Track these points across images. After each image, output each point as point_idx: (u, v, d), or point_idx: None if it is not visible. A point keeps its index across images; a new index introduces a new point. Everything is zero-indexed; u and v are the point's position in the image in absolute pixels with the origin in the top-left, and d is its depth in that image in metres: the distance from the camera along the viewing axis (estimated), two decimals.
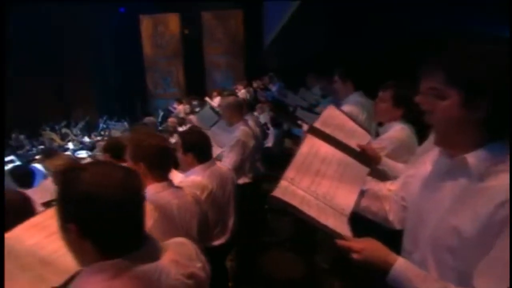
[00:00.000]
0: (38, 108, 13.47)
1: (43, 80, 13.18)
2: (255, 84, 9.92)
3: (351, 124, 1.86)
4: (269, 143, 5.04)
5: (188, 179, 2.00)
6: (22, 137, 11.45)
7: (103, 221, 0.82)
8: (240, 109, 3.08)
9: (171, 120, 7.06)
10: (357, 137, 1.69)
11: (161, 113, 11.60)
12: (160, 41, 14.22)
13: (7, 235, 1.30)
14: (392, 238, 1.27)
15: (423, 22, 2.47)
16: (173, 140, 6.15)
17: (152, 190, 1.57)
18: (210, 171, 2.12)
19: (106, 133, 10.95)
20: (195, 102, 10.26)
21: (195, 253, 1.08)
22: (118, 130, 10.46)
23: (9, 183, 3.52)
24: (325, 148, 1.39)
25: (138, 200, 0.88)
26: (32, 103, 13.30)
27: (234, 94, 4.25)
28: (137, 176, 0.92)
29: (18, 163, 8.13)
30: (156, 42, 14.25)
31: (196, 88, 12.92)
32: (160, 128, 9.76)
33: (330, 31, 4.70)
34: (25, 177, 3.28)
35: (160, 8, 13.78)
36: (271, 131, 5.30)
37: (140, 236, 0.91)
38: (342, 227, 1.14)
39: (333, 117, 1.81)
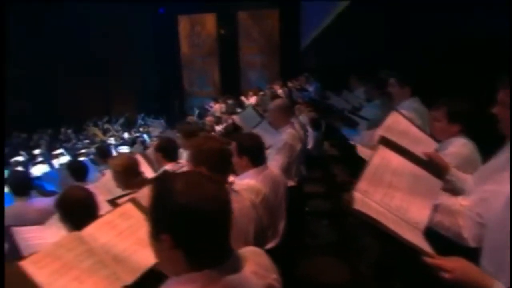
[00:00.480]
0: (83, 104, 14.10)
1: (88, 78, 13.76)
2: (290, 84, 9.84)
3: (415, 130, 1.79)
4: (309, 145, 4.97)
5: (243, 183, 2.00)
6: (69, 131, 12.03)
7: (198, 232, 0.83)
8: (289, 112, 3.06)
9: (209, 119, 7.15)
10: (423, 144, 1.62)
11: (197, 111, 11.79)
12: (196, 40, 14.46)
13: (84, 233, 1.36)
14: (466, 254, 1.21)
15: (486, 24, 2.33)
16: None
17: None
18: (263, 175, 2.12)
19: (145, 129, 11.28)
20: (230, 101, 10.35)
21: (270, 264, 1.08)
22: (156, 127, 10.76)
23: (66, 176, 3.70)
24: (396, 159, 1.34)
25: (228, 211, 0.88)
26: (77, 100, 13.95)
27: (277, 95, 4.21)
28: (225, 187, 0.93)
29: (66, 156, 8.57)
30: (193, 42, 14.51)
31: (230, 87, 13.05)
32: (189, 122, 9.98)
33: (378, 34, 4.57)
34: (81, 171, 3.43)
35: (198, 8, 13.99)
36: (310, 133, 5.23)
37: (227, 247, 0.91)
38: (421, 242, 1.10)
39: (397, 123, 1.75)
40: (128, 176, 2.29)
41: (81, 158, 7.59)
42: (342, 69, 6.12)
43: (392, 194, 1.24)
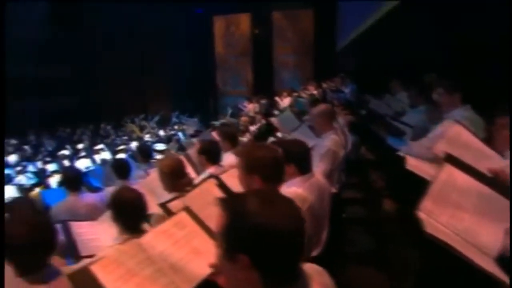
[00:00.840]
0: (121, 102, 14.62)
1: (126, 77, 14.25)
2: (324, 85, 9.69)
3: (478, 143, 1.68)
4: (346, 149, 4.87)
5: (290, 191, 1.97)
6: (108, 127, 12.50)
7: (276, 252, 0.81)
8: (332, 118, 3.00)
9: (244, 119, 7.18)
10: (487, 159, 1.52)
11: (230, 111, 11.88)
12: (231, 40, 14.58)
13: (142, 240, 1.39)
14: None
15: None
16: (245, 138, 6.27)
17: None
18: (309, 183, 2.08)
19: (180, 127, 11.50)
20: (263, 101, 10.34)
21: (332, 283, 1.05)
22: (191, 125, 10.93)
23: (110, 173, 3.83)
24: (462, 178, 1.27)
25: (303, 229, 0.87)
26: (116, 97, 14.47)
27: (317, 99, 4.12)
28: (298, 206, 0.91)
29: (107, 151, 8.91)
30: (227, 42, 14.64)
31: (263, 87, 13.05)
32: (224, 122, 10.04)
33: (426, 35, 4.37)
34: (124, 169, 3.53)
35: (233, 9, 14.09)
36: (348, 137, 5.11)
37: (299, 266, 0.90)
38: (494, 269, 1.03)
39: (458, 135, 1.65)
40: (174, 177, 2.32)
41: (121, 155, 7.89)
42: (382, 72, 5.94)
43: (460, 216, 1.17)
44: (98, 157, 8.41)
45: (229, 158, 3.16)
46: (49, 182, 7.02)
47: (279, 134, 5.74)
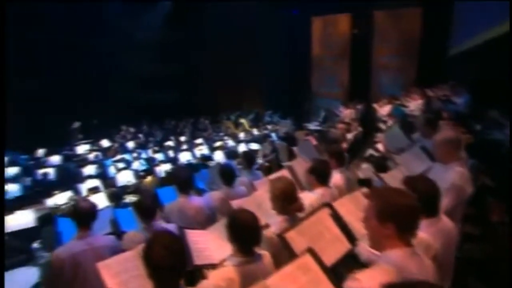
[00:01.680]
0: (219, 98, 15.45)
1: (224, 73, 14.95)
2: (431, 93, 8.77)
3: None
4: None
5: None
6: (206, 122, 13.33)
7: None
8: (458, 147, 2.64)
9: (340, 126, 6.88)
10: None
11: (323, 113, 11.61)
12: (328, 41, 14.18)
13: (269, 282, 1.38)
14: None
15: None
16: (344, 145, 6.02)
17: (399, 256, 1.42)
18: (436, 228, 1.86)
19: (273, 128, 11.63)
20: (360, 107, 9.84)
21: None
22: (284, 126, 10.98)
23: (215, 178, 4.02)
24: None
25: None
26: (215, 94, 15.34)
27: (433, 120, 3.67)
28: None
29: (205, 146, 9.49)
30: (325, 42, 14.28)
31: (360, 90, 12.44)
32: (322, 129, 9.81)
33: None
34: (230, 176, 3.67)
35: (332, 9, 13.65)
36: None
37: None
38: None
39: None
40: (286, 202, 2.30)
41: (218, 152, 8.30)
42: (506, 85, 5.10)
43: None
44: (198, 152, 9.02)
45: (335, 178, 3.04)
46: (157, 170, 7.79)
47: (379, 146, 5.38)
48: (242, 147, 8.52)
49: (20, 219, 5.63)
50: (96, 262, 2.37)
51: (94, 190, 5.97)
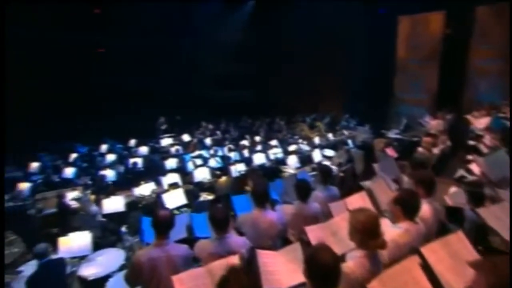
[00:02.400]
0: (294, 98, 15.27)
1: (302, 74, 14.70)
2: None
3: None
4: None
5: None
6: (282, 123, 13.28)
7: None
8: None
9: (426, 139, 6.19)
10: None
11: (404, 121, 10.70)
12: (416, 42, 12.98)
13: None
14: None
15: None
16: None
17: None
18: None
19: (350, 134, 11.07)
20: (449, 116, 8.80)
21: None
22: (361, 133, 10.39)
23: (290, 191, 3.91)
24: None
25: None
26: (291, 94, 15.20)
27: None
28: None
29: (279, 148, 9.45)
30: (412, 44, 13.10)
31: (450, 98, 11.15)
32: (403, 137, 9.04)
33: None
34: (305, 191, 3.53)
35: (424, 7, 12.42)
36: None
37: None
38: None
39: None
40: (366, 235, 2.09)
41: (292, 157, 8.16)
42: None
43: None
44: (272, 153, 9.00)
45: (422, 209, 2.69)
46: (231, 169, 7.96)
47: (473, 168, 4.70)
48: (316, 154, 8.27)
49: (113, 204, 6.26)
50: (170, 268, 2.58)
51: (174, 185, 6.34)
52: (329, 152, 8.54)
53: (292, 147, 9.33)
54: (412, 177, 3.03)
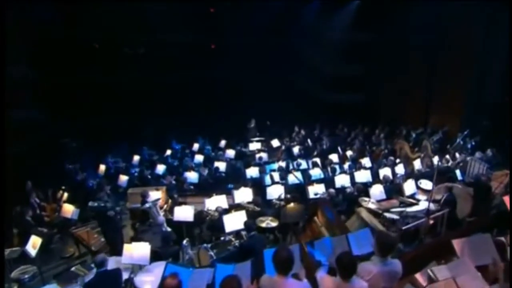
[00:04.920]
0: (399, 107, 13.60)
1: (412, 80, 12.93)
2: None
3: None
4: None
5: None
6: (381, 135, 11.96)
7: None
8: None
9: None
10: None
11: None
12: None
13: None
14: None
15: None
16: None
17: None
18: None
19: (462, 157, 9.12)
20: None
21: None
22: (479, 162, 8.41)
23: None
24: None
25: None
26: (396, 101, 13.59)
27: None
28: None
29: (368, 170, 8.41)
30: None
31: None
32: None
33: None
34: (350, 269, 2.94)
35: None
36: None
37: None
38: None
39: None
40: None
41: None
42: None
43: None
44: (359, 175, 8.08)
45: None
46: (308, 190, 7.41)
47: None
48: (409, 185, 7.09)
49: (183, 212, 6.49)
50: None
51: (237, 207, 6.29)
52: (427, 184, 7.23)
53: (384, 171, 8.22)
54: None
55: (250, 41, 13.85)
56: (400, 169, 8.57)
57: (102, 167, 9.60)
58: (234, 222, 5.79)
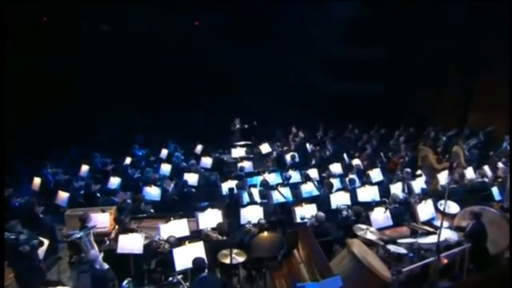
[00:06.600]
0: (431, 104, 13.27)
1: (447, 72, 12.68)
2: None
3: None
4: None
5: None
6: (401, 139, 11.57)
7: None
8: None
9: None
10: None
11: None
12: None
13: None
14: None
15: None
16: None
17: None
18: None
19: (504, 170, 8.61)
20: None
21: None
22: None
23: None
24: None
25: None
26: (426, 96, 13.23)
27: None
28: None
29: (375, 186, 8.06)
30: None
31: None
32: None
33: None
34: None
35: None
36: None
37: None
38: None
39: None
40: None
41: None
42: None
43: None
44: (365, 193, 7.67)
45: None
46: (295, 211, 7.05)
47: None
48: (426, 207, 6.67)
49: (131, 242, 6.14)
50: None
51: (193, 238, 5.94)
52: (453, 206, 6.78)
53: (396, 187, 7.80)
54: None
55: (238, 17, 13.57)
56: (419, 184, 8.13)
57: (37, 180, 9.27)
58: (188, 256, 5.45)
